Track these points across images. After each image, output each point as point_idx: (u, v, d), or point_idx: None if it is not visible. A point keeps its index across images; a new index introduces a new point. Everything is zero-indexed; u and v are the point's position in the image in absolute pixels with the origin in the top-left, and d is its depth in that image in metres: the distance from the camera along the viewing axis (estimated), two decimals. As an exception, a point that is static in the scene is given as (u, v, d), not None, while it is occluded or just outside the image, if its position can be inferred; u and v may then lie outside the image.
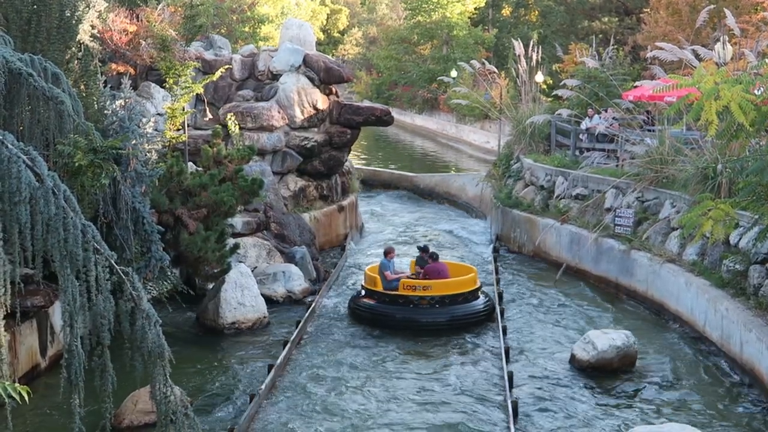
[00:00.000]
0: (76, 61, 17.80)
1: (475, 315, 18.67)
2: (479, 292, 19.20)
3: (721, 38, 21.96)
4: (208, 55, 26.64)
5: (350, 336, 18.08)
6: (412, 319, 18.34)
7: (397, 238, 28.53)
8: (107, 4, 22.96)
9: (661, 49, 22.61)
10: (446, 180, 39.03)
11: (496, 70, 37.13)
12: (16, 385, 6.15)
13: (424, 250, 20.13)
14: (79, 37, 18.88)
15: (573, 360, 16.20)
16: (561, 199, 24.62)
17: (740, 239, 16.83)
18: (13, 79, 12.68)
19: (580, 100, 28.05)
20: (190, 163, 20.90)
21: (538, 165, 26.89)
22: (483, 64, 36.41)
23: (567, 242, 23.50)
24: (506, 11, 75.29)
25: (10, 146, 9.69)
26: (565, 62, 42.87)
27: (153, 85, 24.09)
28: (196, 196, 18.26)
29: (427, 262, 19.52)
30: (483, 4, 74.30)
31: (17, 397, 6.13)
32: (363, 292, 19.34)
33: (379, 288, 18.81)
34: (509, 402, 13.92)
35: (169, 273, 17.32)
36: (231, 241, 18.99)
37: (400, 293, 18.56)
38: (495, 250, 26.16)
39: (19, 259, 10.16)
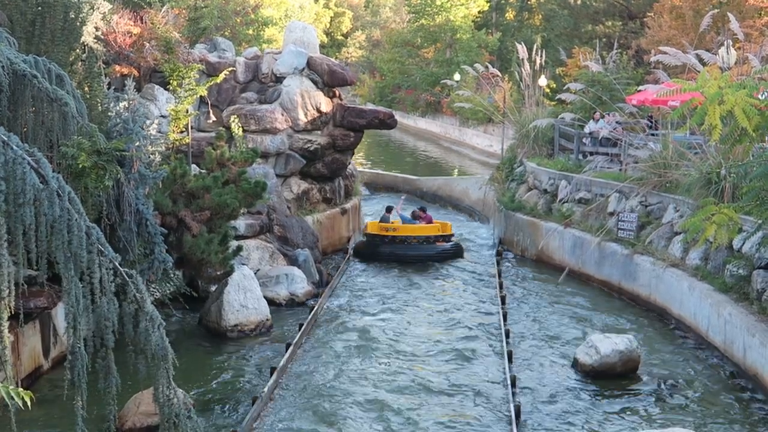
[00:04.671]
0: (80, 63, 17.84)
1: (450, 250, 25.94)
2: (452, 238, 26.35)
3: (725, 42, 21.95)
4: (212, 58, 26.65)
5: (353, 338, 18.06)
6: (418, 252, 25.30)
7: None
8: (111, 6, 23.00)
9: (664, 53, 22.61)
10: (449, 183, 39.02)
11: (499, 73, 37.14)
12: (20, 389, 6.13)
13: (422, 209, 27.55)
14: (83, 38, 18.92)
15: (576, 364, 16.19)
16: (564, 203, 24.60)
17: (743, 244, 16.81)
18: (17, 80, 12.70)
19: (583, 104, 28.05)
20: (193, 166, 20.92)
21: (541, 169, 26.89)
22: (486, 67, 36.39)
23: (570, 246, 23.49)
24: (510, 15, 75.36)
25: (15, 147, 9.70)
26: (568, 66, 42.82)
27: (157, 87, 24.12)
28: (199, 198, 18.26)
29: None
30: (486, 8, 74.32)
31: (20, 402, 6.12)
32: (364, 238, 26.53)
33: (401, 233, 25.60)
34: (512, 406, 13.91)
35: (172, 275, 17.34)
36: (234, 244, 18.97)
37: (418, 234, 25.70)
38: (498, 254, 26.16)
39: (23, 260, 10.17)
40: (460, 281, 23.39)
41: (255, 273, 19.92)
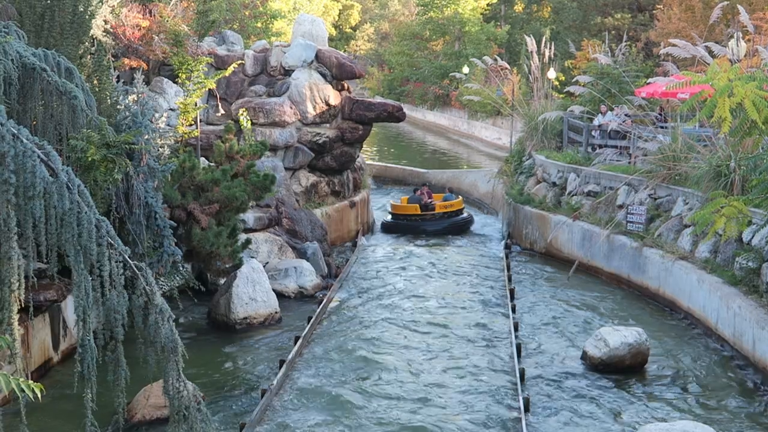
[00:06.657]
0: (89, 56, 17.84)
1: (464, 221, 29.45)
2: (464, 211, 29.89)
3: (735, 35, 21.88)
4: (221, 51, 26.67)
5: (361, 332, 18.09)
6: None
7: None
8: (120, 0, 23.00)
9: (674, 45, 22.56)
10: (458, 176, 39.00)
11: (508, 66, 37.06)
12: (30, 382, 6.16)
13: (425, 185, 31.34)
14: (92, 32, 18.92)
15: (585, 357, 16.18)
16: (573, 195, 24.57)
17: (753, 237, 16.77)
18: (26, 73, 12.73)
19: (592, 97, 27.98)
20: (202, 159, 20.94)
21: (550, 161, 26.84)
22: (495, 60, 36.36)
23: (579, 239, 23.45)
24: (518, 7, 75.17)
25: (24, 140, 9.71)
26: (577, 59, 42.77)
27: (165, 80, 24.14)
28: (208, 191, 18.27)
29: (420, 198, 29.52)
30: (495, 1, 74.16)
31: (30, 394, 6.15)
32: (389, 217, 29.85)
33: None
34: (521, 398, 13.92)
35: (181, 268, 17.33)
36: (243, 237, 18.99)
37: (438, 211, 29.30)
38: (507, 247, 26.13)
39: (32, 253, 10.19)
40: (468, 272, 23.38)
41: (264, 266, 19.95)
